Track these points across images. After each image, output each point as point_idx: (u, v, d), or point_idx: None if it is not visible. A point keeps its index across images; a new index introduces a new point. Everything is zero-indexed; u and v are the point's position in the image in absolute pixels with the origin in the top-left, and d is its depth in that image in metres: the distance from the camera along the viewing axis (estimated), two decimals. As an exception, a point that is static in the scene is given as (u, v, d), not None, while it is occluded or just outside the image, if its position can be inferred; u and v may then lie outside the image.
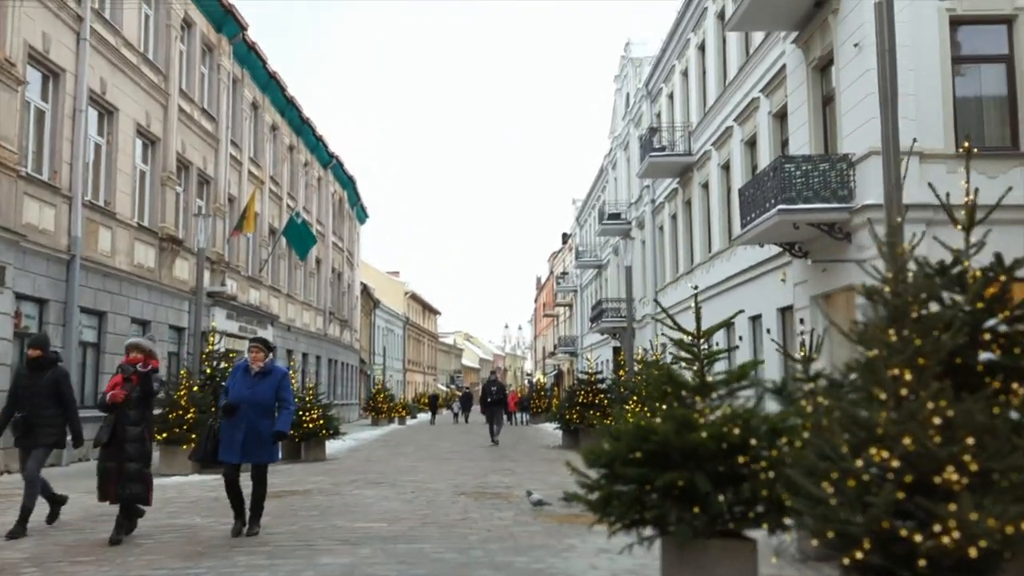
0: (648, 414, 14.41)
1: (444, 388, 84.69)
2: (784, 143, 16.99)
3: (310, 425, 15.79)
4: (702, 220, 23.14)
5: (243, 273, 25.39)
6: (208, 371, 14.72)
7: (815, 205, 12.76)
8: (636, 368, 16.37)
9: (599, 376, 18.93)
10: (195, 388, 13.61)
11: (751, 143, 18.97)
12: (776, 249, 16.56)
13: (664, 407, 5.59)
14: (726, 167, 20.97)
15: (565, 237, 63.14)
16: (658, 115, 27.95)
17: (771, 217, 13.12)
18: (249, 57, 25.67)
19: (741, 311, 13.42)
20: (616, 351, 36.08)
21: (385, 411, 39.18)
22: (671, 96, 26.86)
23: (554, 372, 63.43)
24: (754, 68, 18.31)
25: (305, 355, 33.24)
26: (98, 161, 16.85)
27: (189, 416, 13.37)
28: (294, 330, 31.12)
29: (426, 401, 61.55)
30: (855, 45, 12.67)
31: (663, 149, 24.38)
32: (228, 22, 23.26)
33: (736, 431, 4.47)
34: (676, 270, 26.54)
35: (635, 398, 15.78)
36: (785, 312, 16.85)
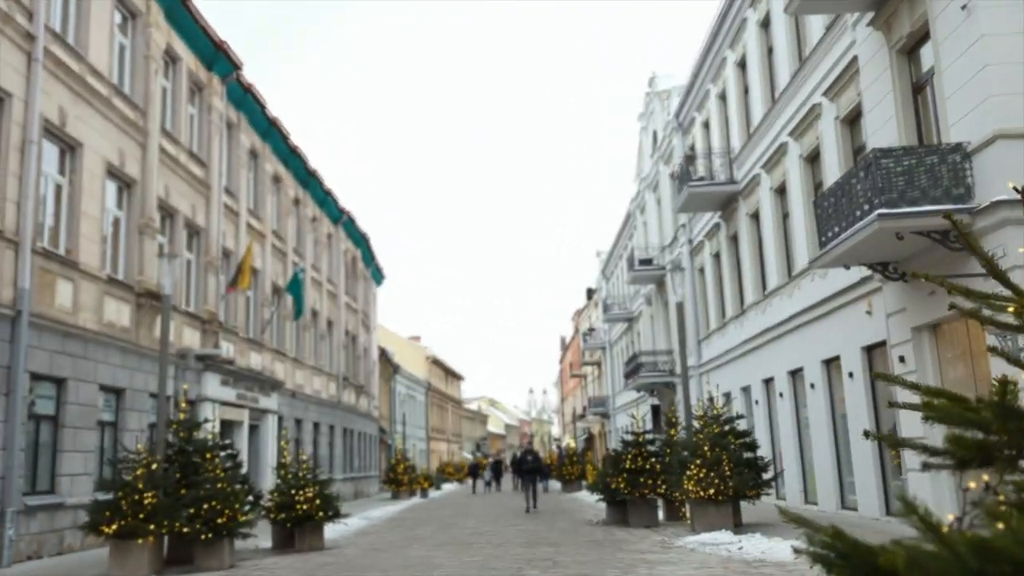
0: (716, 481, 11.51)
1: (470, 456, 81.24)
2: (858, 150, 14.40)
3: (303, 507, 13.01)
4: (752, 255, 20.45)
5: (242, 335, 22.91)
6: (179, 441, 12.10)
7: (926, 208, 10.06)
8: (696, 424, 13.54)
9: (648, 436, 16.05)
10: (154, 466, 10.94)
11: (812, 157, 16.40)
12: (855, 276, 13.84)
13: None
14: (780, 190, 18.37)
15: (590, 292, 60.52)
16: (691, 147, 25.54)
17: (867, 226, 10.43)
18: (246, 100, 23.68)
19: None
20: (655, 409, 33.09)
21: (406, 483, 36.17)
22: (706, 124, 24.48)
23: (584, 436, 60.08)
24: (812, 72, 15.86)
25: (316, 424, 30.51)
26: (57, 203, 14.56)
27: (147, 501, 10.68)
28: (301, 397, 28.47)
29: (451, 470, 58.28)
30: (963, 7, 10.15)
31: (702, 179, 21.87)
32: (219, 60, 21.29)
33: None
34: (722, 315, 23.75)
35: (697, 461, 12.90)
36: (873, 351, 14.00)
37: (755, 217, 20.28)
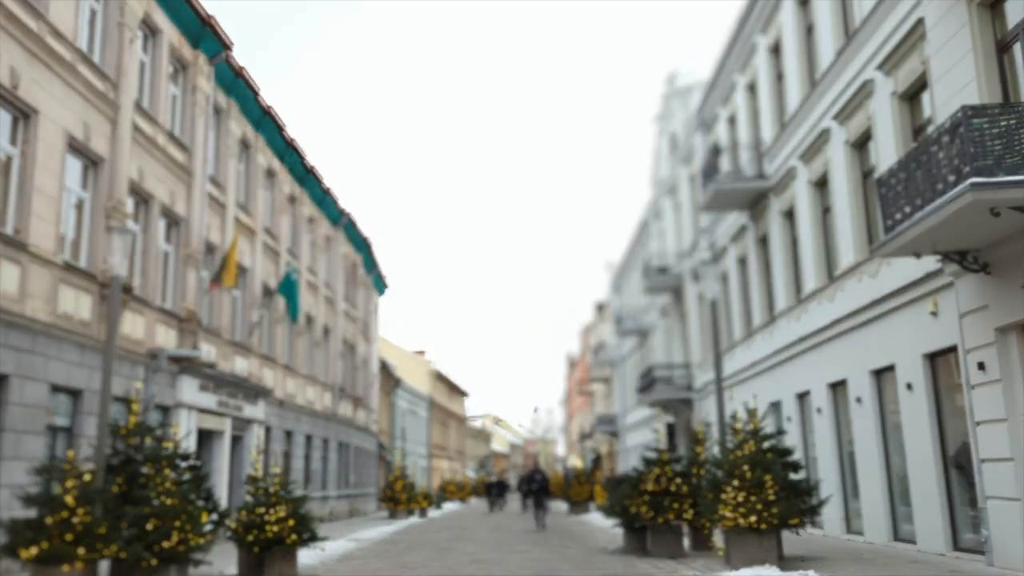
0: (759, 506, 9.60)
1: (472, 475, 79.12)
2: (919, 128, 12.58)
3: (273, 529, 11.11)
4: (785, 257, 18.60)
5: (226, 337, 21.10)
6: (126, 448, 10.27)
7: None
8: (733, 440, 11.62)
9: (673, 455, 14.12)
10: (87, 477, 9.08)
11: (861, 142, 14.58)
12: (914, 273, 11.99)
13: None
14: (820, 183, 16.55)
15: (600, 307, 58.67)
16: (715, 144, 23.75)
17: (955, 200, 8.56)
18: (237, 85, 21.99)
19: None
20: (670, 427, 31.12)
21: (404, 501, 34.18)
22: (732, 119, 22.71)
23: (592, 455, 58.00)
24: (862, 46, 14.08)
25: (309, 437, 28.62)
26: (6, 176, 12.81)
27: (78, 520, 8.83)
28: (292, 407, 26.59)
29: (452, 489, 56.21)
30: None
31: (730, 175, 20.06)
32: (206, 37, 19.61)
33: None
34: (748, 325, 21.87)
35: (735, 483, 10.99)
36: (937, 358, 12.10)
37: (789, 215, 18.45)
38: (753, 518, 10.68)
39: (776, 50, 18.99)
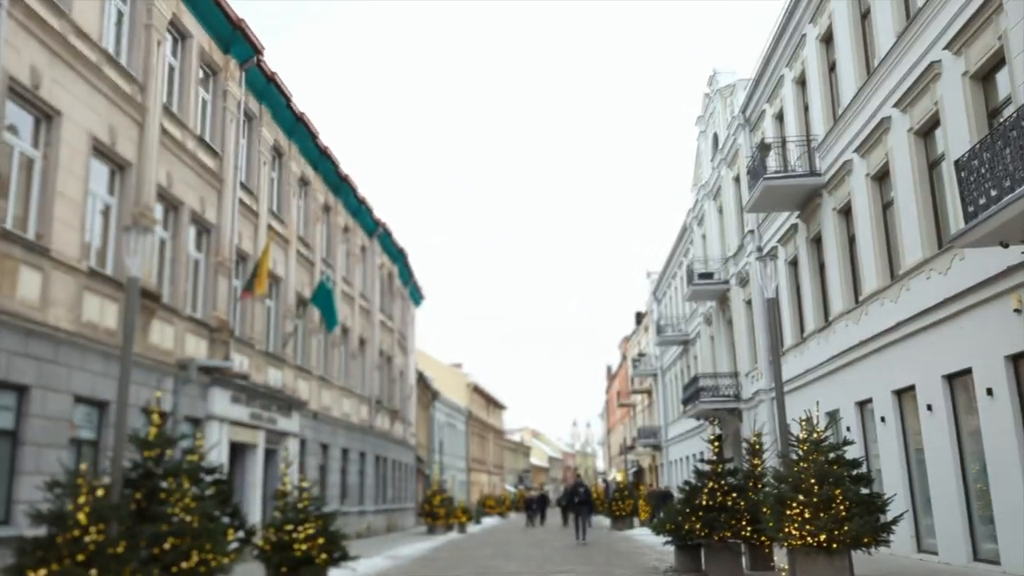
0: (830, 524, 8.65)
1: (512, 489, 78.18)
2: (995, 111, 11.58)
3: (302, 547, 10.40)
4: (841, 257, 17.57)
5: (259, 348, 20.59)
6: (145, 461, 9.63)
7: None
8: (798, 452, 10.66)
9: (729, 467, 13.15)
10: (100, 492, 8.45)
11: (927, 129, 13.58)
12: (992, 267, 10.98)
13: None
14: (880, 177, 15.54)
15: (639, 316, 57.55)
16: (762, 141, 22.76)
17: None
18: (269, 91, 21.59)
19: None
20: (718, 439, 29.90)
21: (442, 516, 33.44)
22: (779, 115, 21.74)
23: (633, 468, 56.75)
24: (926, 26, 13.11)
25: (345, 451, 28.04)
26: (27, 178, 12.37)
27: (90, 539, 8.19)
28: (327, 419, 26.02)
29: (491, 503, 55.36)
30: None
31: (779, 172, 19.09)
32: (237, 41, 19.21)
33: None
34: (800, 330, 20.80)
35: (800, 498, 10.04)
36: (1021, 360, 11.04)
37: (844, 212, 17.43)
38: (823, 536, 9.72)
39: (828, 39, 18.03)
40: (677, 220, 35.32)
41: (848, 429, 17.00)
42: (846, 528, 9.83)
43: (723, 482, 12.70)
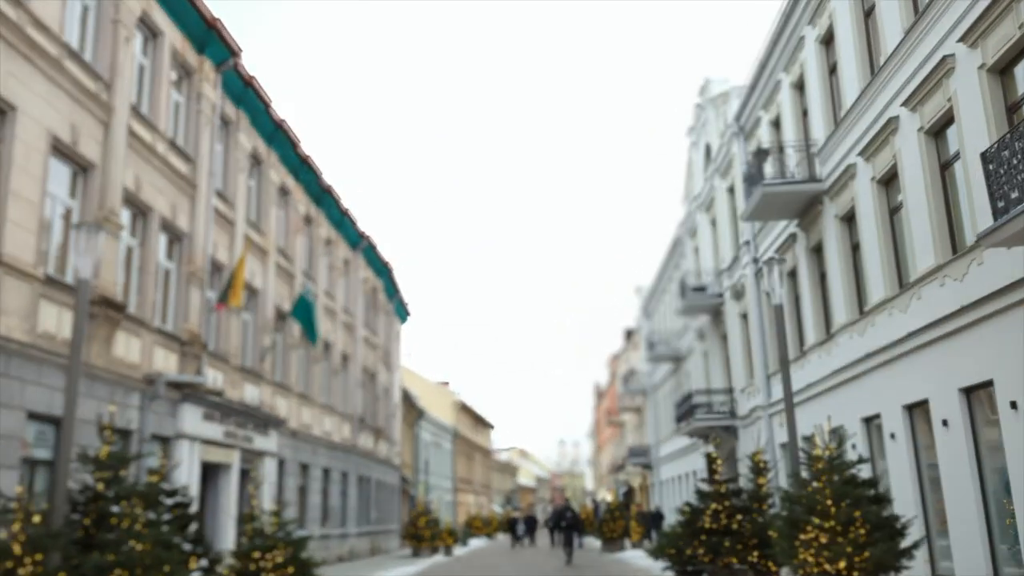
0: (849, 549, 7.81)
1: (499, 510, 76.88)
2: (1014, 106, 10.88)
3: (271, 578, 9.45)
4: (844, 266, 16.84)
5: (234, 363, 19.62)
6: (95, 483, 8.73)
7: None
8: (808, 470, 9.83)
9: (733, 488, 12.28)
10: (37, 519, 7.51)
11: (938, 128, 12.88)
12: (1012, 273, 10.22)
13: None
14: (887, 180, 14.84)
15: (629, 334, 56.79)
16: (759, 148, 22.10)
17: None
18: (247, 96, 20.76)
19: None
20: (710, 458, 29.07)
21: (428, 539, 32.36)
22: (776, 122, 21.09)
23: (623, 489, 55.75)
24: (936, 20, 12.43)
25: (327, 471, 26.99)
26: (-24, 177, 11.46)
27: (25, 572, 7.25)
28: (308, 438, 24.99)
29: (479, 524, 54.21)
30: None
31: (779, 179, 18.38)
32: (212, 42, 18.38)
33: None
34: (800, 344, 20.03)
35: (816, 520, 9.20)
36: (1050, 371, 10.26)
37: (847, 219, 16.72)
38: (843, 563, 8.87)
39: (828, 40, 17.40)
40: (666, 236, 34.78)
41: (854, 446, 16.18)
42: (866, 554, 8.99)
43: (727, 503, 11.84)
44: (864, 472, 11.08)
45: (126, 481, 8.91)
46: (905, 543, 10.18)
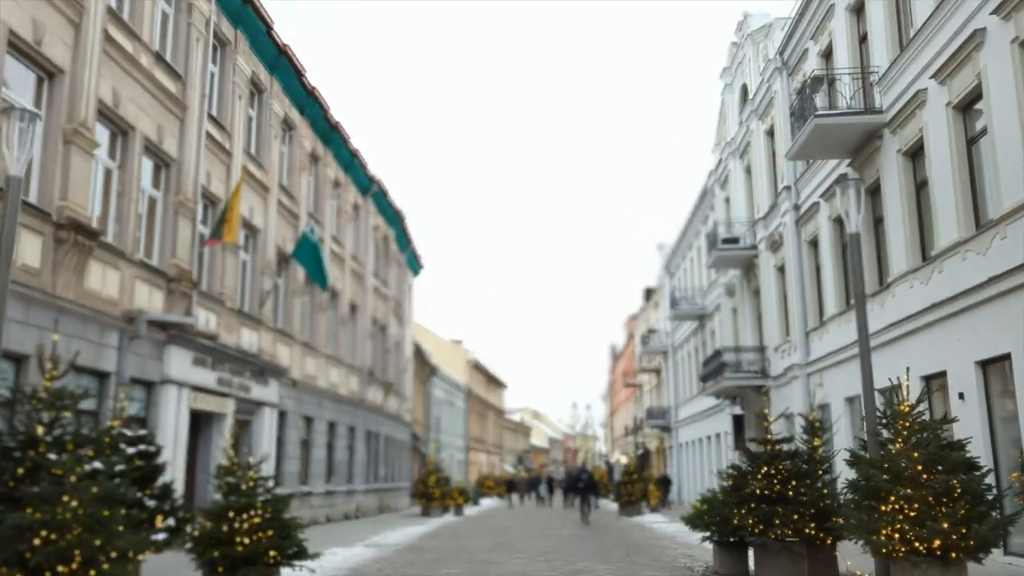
0: (945, 525, 6.21)
1: (511, 470, 75.98)
2: None
3: (245, 540, 7.94)
4: (907, 207, 15.00)
5: (230, 305, 18.11)
6: (27, 426, 7.22)
7: None
8: (890, 431, 8.18)
9: (789, 448, 10.62)
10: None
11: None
12: None
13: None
14: (965, 105, 12.95)
15: (648, 293, 55.01)
16: (813, 75, 20.10)
17: None
18: (245, 14, 18.98)
19: None
20: (738, 420, 27.60)
21: (438, 498, 31.13)
22: (826, 53, 19.10)
23: (640, 451, 54.43)
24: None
25: (332, 424, 25.64)
26: (-86, 70, 9.84)
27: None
28: (311, 390, 23.58)
29: (490, 484, 53.18)
30: None
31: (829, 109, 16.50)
32: (206, -52, 16.56)
33: None
34: (844, 299, 18.29)
35: (907, 490, 7.55)
36: None
37: (913, 154, 14.86)
38: (938, 541, 7.25)
39: (895, -48, 15.39)
40: (689, 194, 32.95)
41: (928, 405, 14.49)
42: (965, 530, 7.36)
43: (781, 467, 10.21)
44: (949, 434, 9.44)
45: (68, 424, 7.38)
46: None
